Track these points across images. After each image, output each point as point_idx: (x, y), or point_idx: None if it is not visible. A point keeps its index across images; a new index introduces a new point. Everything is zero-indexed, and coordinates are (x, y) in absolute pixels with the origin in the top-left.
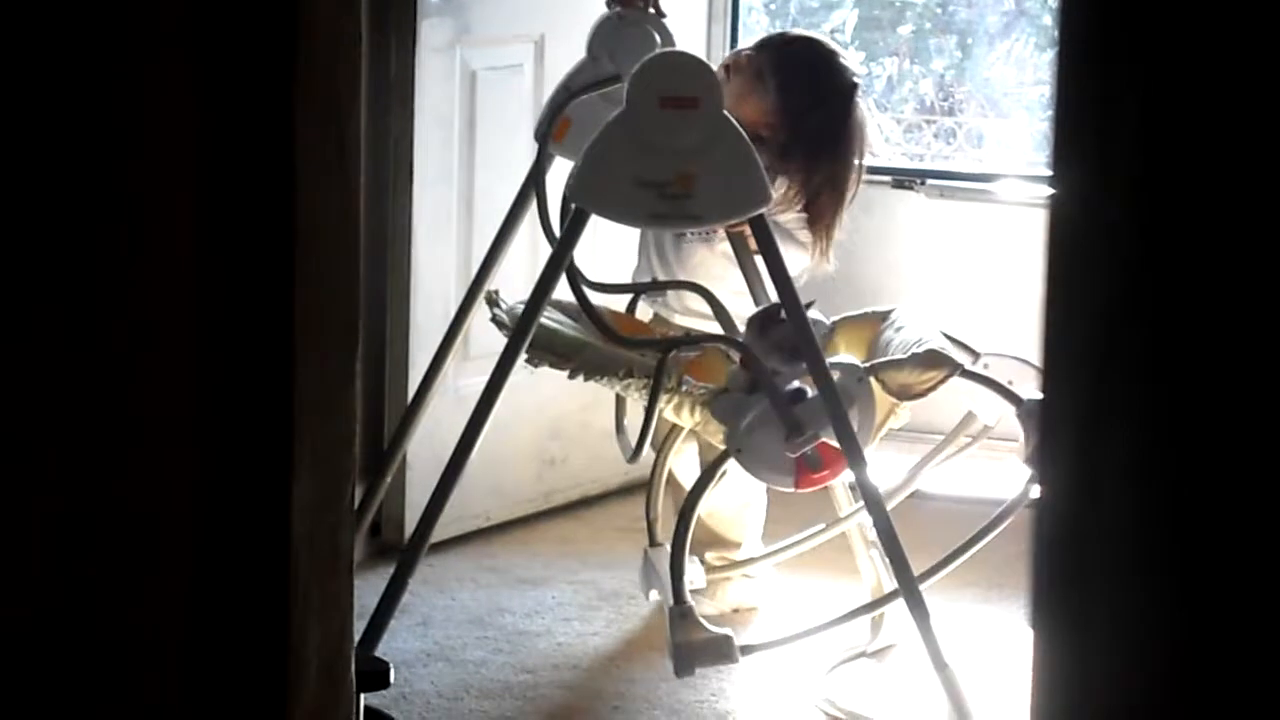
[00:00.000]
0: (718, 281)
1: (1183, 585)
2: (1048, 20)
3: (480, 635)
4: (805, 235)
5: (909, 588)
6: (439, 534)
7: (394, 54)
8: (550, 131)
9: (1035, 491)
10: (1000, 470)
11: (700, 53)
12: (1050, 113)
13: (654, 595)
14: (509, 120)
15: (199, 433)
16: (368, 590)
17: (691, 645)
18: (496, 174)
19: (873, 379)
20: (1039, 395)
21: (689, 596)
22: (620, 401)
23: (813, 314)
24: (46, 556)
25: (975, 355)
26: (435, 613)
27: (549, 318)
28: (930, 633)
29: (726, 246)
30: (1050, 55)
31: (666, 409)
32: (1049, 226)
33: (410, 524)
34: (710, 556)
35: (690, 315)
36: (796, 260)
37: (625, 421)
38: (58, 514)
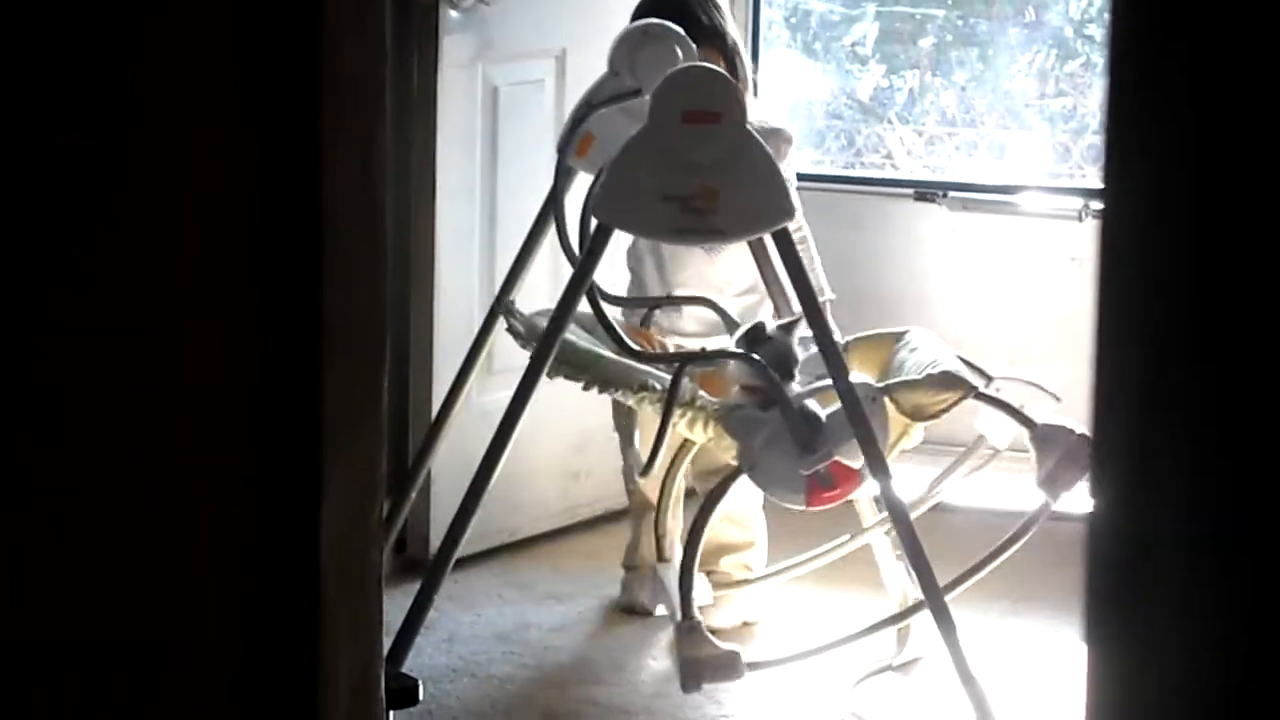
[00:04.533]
0: (717, 291)
1: (1241, 599)
2: (1069, 32)
3: (506, 651)
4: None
5: (935, 600)
6: (464, 550)
7: (416, 70)
8: (572, 146)
9: (1055, 506)
10: (1024, 483)
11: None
12: (1102, 131)
13: (660, 610)
14: (531, 135)
15: (227, 452)
16: (393, 607)
17: (699, 661)
18: (519, 189)
19: (887, 399)
20: (1053, 420)
21: (696, 611)
22: (630, 415)
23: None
24: (77, 580)
25: (988, 378)
26: (461, 629)
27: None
28: (957, 645)
29: (726, 255)
30: (1071, 67)
31: (680, 424)
32: (1100, 246)
33: (435, 540)
34: (726, 563)
35: (680, 335)
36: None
37: (636, 435)
38: (88, 539)
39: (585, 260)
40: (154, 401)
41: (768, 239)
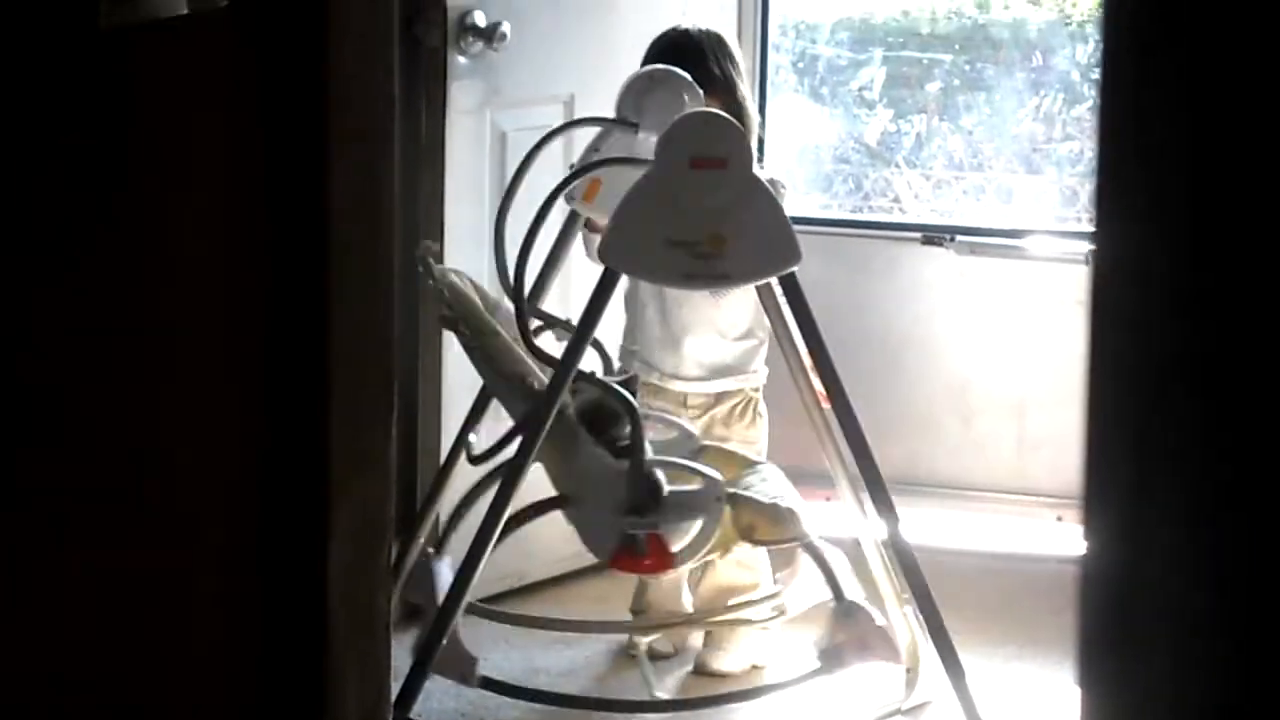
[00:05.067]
0: (720, 335)
1: (1231, 646)
2: (1075, 76)
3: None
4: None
5: (943, 645)
6: (473, 594)
7: (425, 116)
8: (579, 191)
9: (825, 676)
10: (1033, 527)
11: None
12: (1094, 169)
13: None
14: (539, 181)
15: (237, 496)
16: (402, 651)
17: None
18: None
19: (728, 506)
20: (861, 601)
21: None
22: (483, 403)
23: (687, 424)
24: (84, 619)
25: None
26: None
27: (475, 292)
28: (965, 690)
29: (731, 298)
30: (1078, 111)
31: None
32: (1092, 286)
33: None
34: (733, 603)
35: (682, 380)
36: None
37: (479, 427)
38: (95, 574)
39: (591, 304)
40: (158, 443)
41: (774, 283)
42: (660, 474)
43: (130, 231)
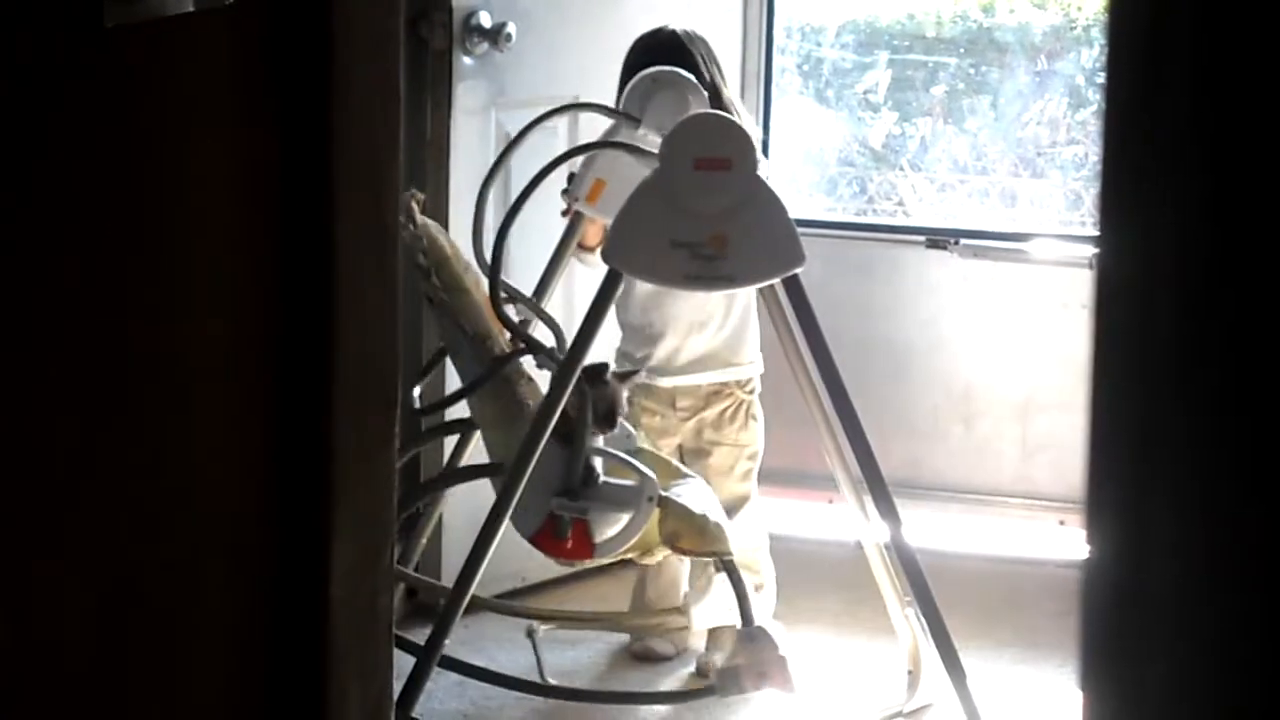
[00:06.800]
0: (699, 327)
1: (1233, 649)
2: (1080, 80)
3: (517, 696)
4: None
5: (945, 648)
6: (475, 594)
7: (430, 116)
8: (583, 191)
9: (720, 697)
10: (1033, 530)
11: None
12: (1099, 173)
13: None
14: (544, 182)
15: (240, 498)
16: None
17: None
18: (531, 234)
19: (658, 509)
20: (768, 625)
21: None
22: (440, 356)
23: (625, 425)
24: (86, 616)
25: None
26: None
27: (452, 248)
28: (967, 693)
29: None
30: (1083, 115)
31: (483, 400)
32: (1096, 290)
33: (447, 585)
34: None
35: (677, 374)
36: None
37: (427, 379)
38: (98, 576)
39: (595, 304)
40: (164, 446)
41: (778, 286)
42: (598, 462)
43: (133, 230)
